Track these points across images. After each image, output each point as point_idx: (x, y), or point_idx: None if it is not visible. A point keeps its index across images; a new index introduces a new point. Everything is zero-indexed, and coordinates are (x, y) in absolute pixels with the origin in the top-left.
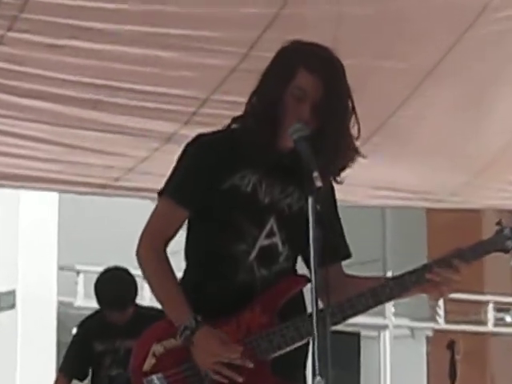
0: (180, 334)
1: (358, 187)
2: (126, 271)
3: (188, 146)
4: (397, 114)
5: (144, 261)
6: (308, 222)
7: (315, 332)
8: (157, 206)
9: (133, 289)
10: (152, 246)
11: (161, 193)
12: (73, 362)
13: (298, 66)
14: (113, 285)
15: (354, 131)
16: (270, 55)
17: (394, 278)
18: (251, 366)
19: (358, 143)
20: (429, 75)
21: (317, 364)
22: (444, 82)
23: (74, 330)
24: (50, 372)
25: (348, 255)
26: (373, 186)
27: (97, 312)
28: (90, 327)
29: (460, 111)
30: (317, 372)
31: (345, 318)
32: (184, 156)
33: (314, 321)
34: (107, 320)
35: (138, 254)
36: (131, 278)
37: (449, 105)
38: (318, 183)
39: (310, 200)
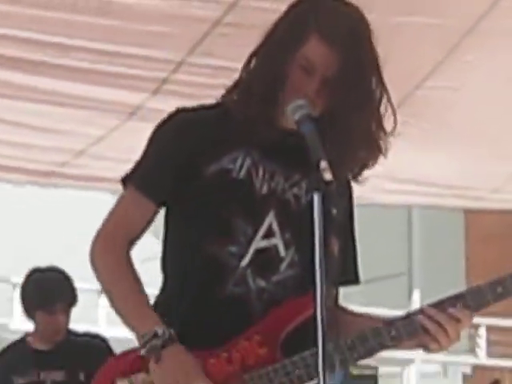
0: (144, 343)
1: (376, 179)
2: (58, 270)
3: (163, 122)
4: (426, 84)
5: (99, 265)
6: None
7: (321, 370)
8: (119, 198)
9: (65, 287)
10: (110, 246)
11: (124, 180)
12: None
13: (311, 30)
14: (39, 280)
15: (385, 121)
16: (264, 5)
17: (402, 318)
18: None
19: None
20: (468, 34)
21: None
22: (487, 44)
23: None
24: None
25: (356, 281)
26: (395, 178)
27: (17, 341)
28: (9, 359)
29: (508, 82)
30: None
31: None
32: (157, 135)
33: (320, 355)
34: (30, 347)
35: (91, 257)
36: (64, 276)
37: (493, 73)
38: (328, 176)
39: (315, 198)
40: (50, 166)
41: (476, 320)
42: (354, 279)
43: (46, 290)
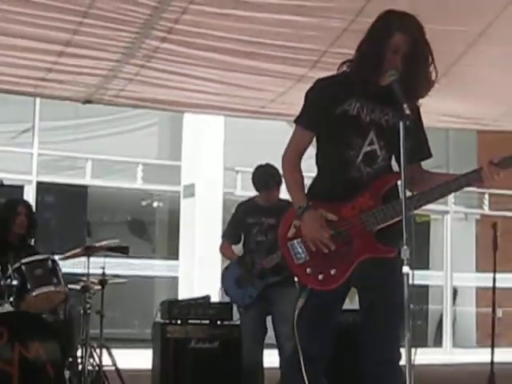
0: (296, 212)
1: (430, 114)
2: (272, 166)
3: (311, 88)
4: (458, 63)
5: (284, 169)
6: (398, 133)
7: (403, 211)
8: (293, 132)
9: (276, 176)
10: (290, 159)
11: (295, 121)
12: (231, 231)
13: (395, 29)
14: (263, 172)
15: (432, 72)
16: (371, 20)
17: (464, 175)
18: (333, 247)
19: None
20: (482, 35)
21: (404, 235)
22: (492, 42)
23: (233, 210)
24: (218, 240)
25: (430, 155)
26: (439, 113)
27: (249, 199)
28: (245, 207)
29: (503, 62)
30: (404, 242)
31: (428, 202)
32: (308, 95)
33: (403, 203)
34: (256, 203)
35: (282, 163)
36: (275, 170)
37: (495, 57)
38: (407, 111)
39: (401, 123)
40: (256, 108)
41: (483, 190)
42: (429, 155)
43: (268, 177)
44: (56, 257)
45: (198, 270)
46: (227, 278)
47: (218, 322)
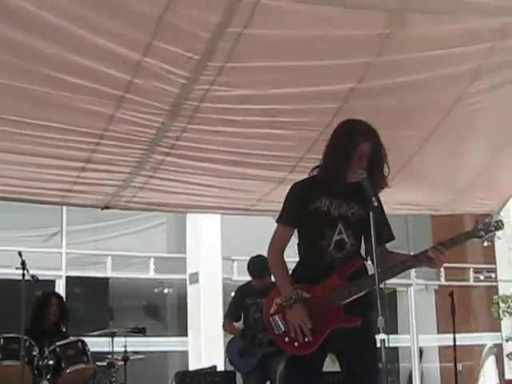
0: (285, 301)
1: (389, 203)
2: (264, 257)
3: (289, 190)
4: (411, 160)
5: (271, 260)
6: (364, 222)
7: (377, 287)
8: (276, 229)
9: (267, 266)
10: (274, 255)
11: (277, 220)
12: (233, 312)
13: (360, 139)
14: (256, 263)
15: (386, 171)
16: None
17: (414, 255)
18: (311, 339)
19: (388, 178)
20: (429, 138)
21: (379, 308)
22: (439, 142)
23: (233, 293)
24: (220, 318)
25: (393, 238)
26: (397, 202)
27: (246, 283)
28: (243, 290)
29: (449, 158)
30: (379, 313)
31: (387, 278)
32: (287, 196)
33: (376, 281)
34: (253, 286)
35: (268, 255)
36: (266, 260)
37: (442, 154)
38: (375, 204)
39: (371, 214)
40: (247, 206)
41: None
42: (391, 238)
43: (259, 267)
44: (85, 339)
45: (205, 345)
46: (231, 350)
47: None
